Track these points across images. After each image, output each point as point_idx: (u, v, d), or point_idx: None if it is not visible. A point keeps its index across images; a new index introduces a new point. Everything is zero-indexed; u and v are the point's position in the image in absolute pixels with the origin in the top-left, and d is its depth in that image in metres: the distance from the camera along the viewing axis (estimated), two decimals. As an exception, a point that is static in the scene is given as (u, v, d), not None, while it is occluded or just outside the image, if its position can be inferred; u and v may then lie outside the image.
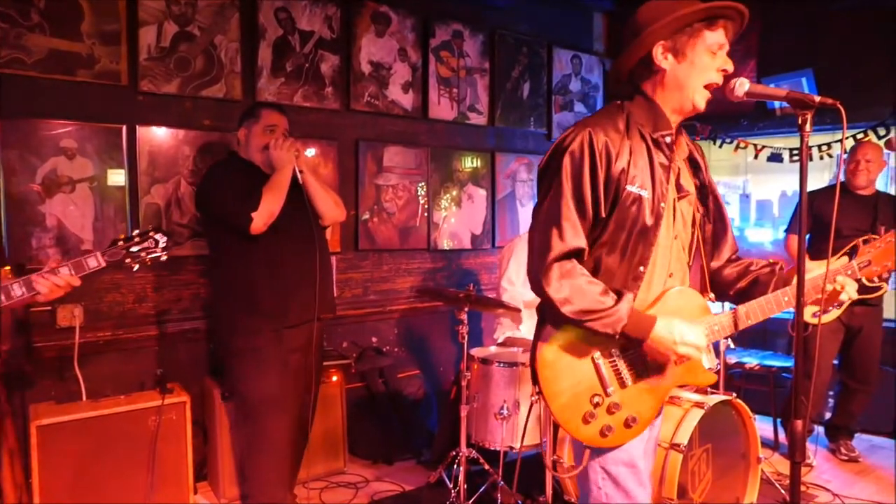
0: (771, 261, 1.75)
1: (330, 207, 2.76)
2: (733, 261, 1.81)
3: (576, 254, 1.56)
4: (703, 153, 1.77)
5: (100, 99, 3.05)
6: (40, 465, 2.60)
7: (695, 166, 1.72)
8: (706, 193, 1.73)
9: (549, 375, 1.58)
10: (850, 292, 1.65)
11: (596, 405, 1.57)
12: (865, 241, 1.89)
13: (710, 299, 1.74)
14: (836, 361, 3.75)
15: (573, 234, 1.54)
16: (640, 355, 1.60)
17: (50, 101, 2.92)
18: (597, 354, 1.58)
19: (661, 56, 1.57)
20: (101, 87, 3.04)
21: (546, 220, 1.57)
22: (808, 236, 3.58)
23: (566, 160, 1.55)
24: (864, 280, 1.80)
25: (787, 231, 3.84)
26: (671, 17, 1.53)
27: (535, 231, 1.60)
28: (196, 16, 3.28)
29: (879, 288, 3.51)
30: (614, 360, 1.60)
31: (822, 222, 3.32)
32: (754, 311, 1.65)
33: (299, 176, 2.64)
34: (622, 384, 1.59)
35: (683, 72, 1.57)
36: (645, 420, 1.62)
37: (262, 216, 2.50)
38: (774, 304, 1.65)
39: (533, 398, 2.95)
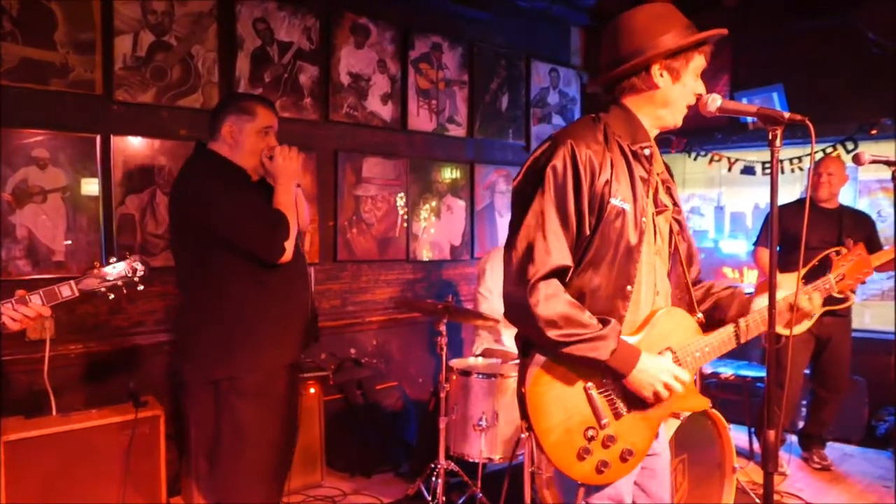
0: (729, 286, 1.78)
1: (302, 222, 2.48)
2: (696, 283, 1.77)
3: (559, 273, 1.48)
4: (671, 171, 1.77)
5: (73, 108, 3.01)
6: (8, 482, 2.53)
7: (667, 183, 1.69)
8: (678, 211, 1.70)
9: (539, 410, 1.48)
10: (815, 305, 1.72)
11: (590, 439, 1.49)
12: (837, 254, 1.91)
13: (698, 320, 1.67)
14: (807, 371, 3.82)
15: (560, 251, 1.47)
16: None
17: (21, 111, 2.87)
18: (589, 384, 1.50)
19: (658, 74, 1.56)
20: (75, 96, 3.00)
21: (528, 236, 1.48)
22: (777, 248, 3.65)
23: (549, 174, 1.48)
24: (834, 293, 1.84)
25: (755, 244, 3.93)
26: (684, 42, 1.52)
27: (515, 249, 1.49)
28: (173, 25, 3.26)
29: (847, 299, 3.59)
30: (607, 390, 1.52)
31: (788, 235, 3.39)
32: (744, 332, 1.66)
33: (294, 190, 2.36)
34: (617, 414, 1.52)
35: (676, 92, 1.57)
36: (640, 452, 1.55)
37: (291, 245, 2.23)
38: (754, 326, 1.67)
39: (523, 435, 2.93)
